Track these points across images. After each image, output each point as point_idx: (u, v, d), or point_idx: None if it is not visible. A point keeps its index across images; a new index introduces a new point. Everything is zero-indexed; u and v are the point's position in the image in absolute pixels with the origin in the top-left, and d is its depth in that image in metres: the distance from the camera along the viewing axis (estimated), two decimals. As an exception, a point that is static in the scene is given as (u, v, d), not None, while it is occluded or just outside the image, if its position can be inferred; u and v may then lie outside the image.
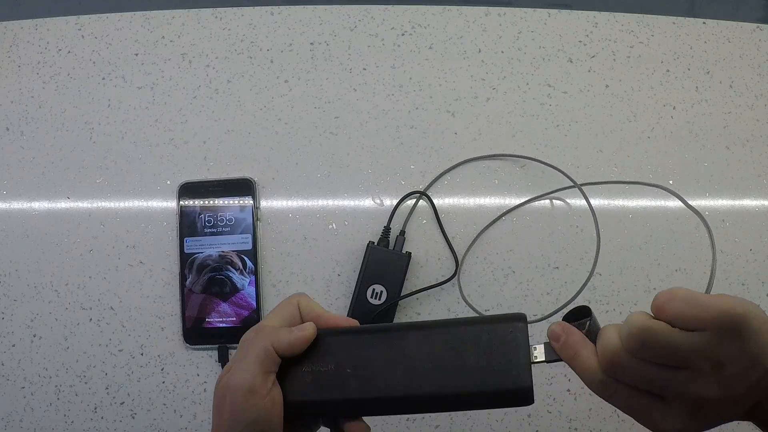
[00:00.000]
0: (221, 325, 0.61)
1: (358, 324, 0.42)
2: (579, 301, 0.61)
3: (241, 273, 0.61)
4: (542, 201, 0.63)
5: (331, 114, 0.64)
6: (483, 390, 0.38)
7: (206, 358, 0.61)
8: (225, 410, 0.38)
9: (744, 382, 0.33)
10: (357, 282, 0.60)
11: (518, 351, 0.38)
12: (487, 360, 0.38)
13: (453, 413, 0.60)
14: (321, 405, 0.40)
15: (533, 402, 0.38)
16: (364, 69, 0.65)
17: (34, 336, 0.62)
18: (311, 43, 0.66)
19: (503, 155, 0.63)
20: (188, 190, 0.62)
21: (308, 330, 0.40)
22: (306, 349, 0.40)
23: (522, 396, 0.38)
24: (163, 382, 0.61)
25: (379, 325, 0.42)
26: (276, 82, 0.65)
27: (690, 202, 0.63)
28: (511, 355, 0.38)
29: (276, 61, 0.65)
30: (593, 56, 0.66)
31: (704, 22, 0.67)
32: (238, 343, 0.61)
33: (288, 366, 0.40)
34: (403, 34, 0.66)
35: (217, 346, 0.61)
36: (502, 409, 0.60)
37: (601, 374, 0.36)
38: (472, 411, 0.60)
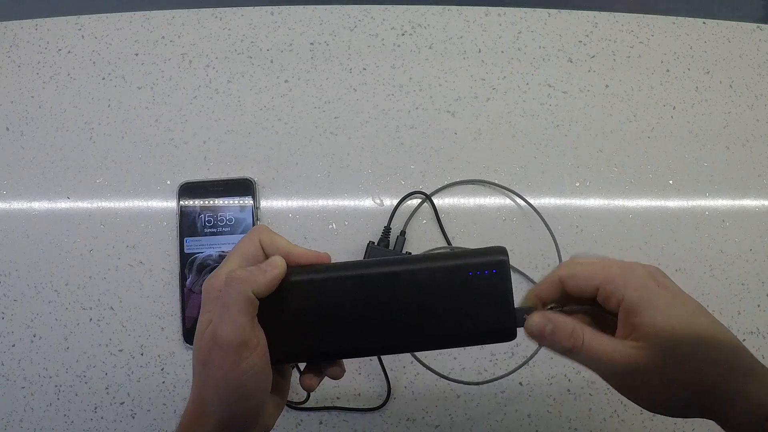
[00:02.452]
0: (221, 325, 0.61)
1: (329, 257, 0.39)
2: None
3: (241, 273, 0.61)
4: (542, 201, 0.63)
5: (331, 114, 0.64)
6: (466, 332, 0.38)
7: (206, 358, 0.61)
8: (214, 369, 0.36)
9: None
10: (357, 282, 0.60)
11: (501, 289, 0.38)
12: (470, 301, 0.38)
13: (453, 413, 0.60)
14: (301, 351, 0.39)
15: (515, 338, 0.38)
16: (364, 69, 0.65)
17: (34, 336, 0.62)
18: (311, 43, 0.66)
19: (512, 191, 0.64)
20: (188, 190, 0.62)
21: (280, 266, 0.37)
22: (287, 288, 0.37)
23: (506, 334, 0.38)
24: (163, 382, 0.61)
25: (353, 263, 0.39)
26: (276, 82, 0.65)
27: (690, 202, 0.63)
28: (494, 296, 0.38)
29: (276, 61, 0.65)
30: (593, 56, 0.66)
31: (704, 22, 0.67)
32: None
33: (264, 309, 0.37)
34: (403, 34, 0.66)
35: (217, 346, 0.61)
36: (502, 409, 0.60)
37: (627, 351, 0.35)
38: (472, 412, 0.60)
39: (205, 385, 0.36)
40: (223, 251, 0.61)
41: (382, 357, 0.60)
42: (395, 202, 0.62)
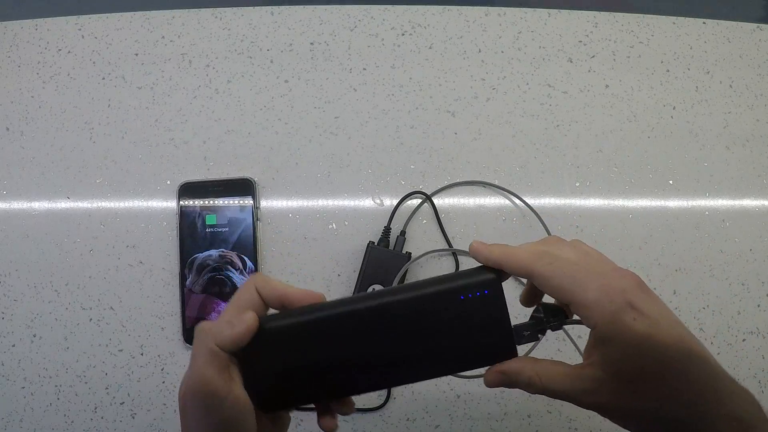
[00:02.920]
0: (221, 325, 0.61)
1: (322, 297, 0.39)
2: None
3: (241, 273, 0.61)
4: (542, 201, 0.63)
5: (331, 114, 0.64)
6: (465, 357, 0.37)
7: (206, 358, 0.61)
8: (189, 418, 0.36)
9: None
10: (357, 282, 0.60)
11: (496, 310, 0.37)
12: (466, 325, 0.37)
13: (453, 413, 0.60)
14: (292, 397, 0.38)
15: (516, 356, 0.37)
16: (364, 69, 0.65)
17: (34, 336, 0.62)
18: (311, 43, 0.66)
19: (511, 192, 0.64)
20: (188, 190, 0.62)
21: (248, 321, 0.36)
22: (271, 336, 0.37)
23: (506, 355, 0.37)
24: (163, 382, 0.61)
25: (340, 301, 0.38)
26: (276, 82, 0.65)
27: (690, 202, 0.63)
28: (490, 317, 0.37)
29: (276, 61, 0.65)
30: (593, 56, 0.66)
31: (704, 22, 0.67)
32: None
33: (250, 357, 0.37)
34: (403, 34, 0.66)
35: (217, 346, 0.61)
36: (503, 409, 0.60)
37: None
38: (472, 412, 0.60)
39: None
40: (223, 251, 0.61)
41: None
42: (395, 202, 0.62)
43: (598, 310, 0.34)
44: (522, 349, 0.38)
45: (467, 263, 0.62)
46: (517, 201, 0.63)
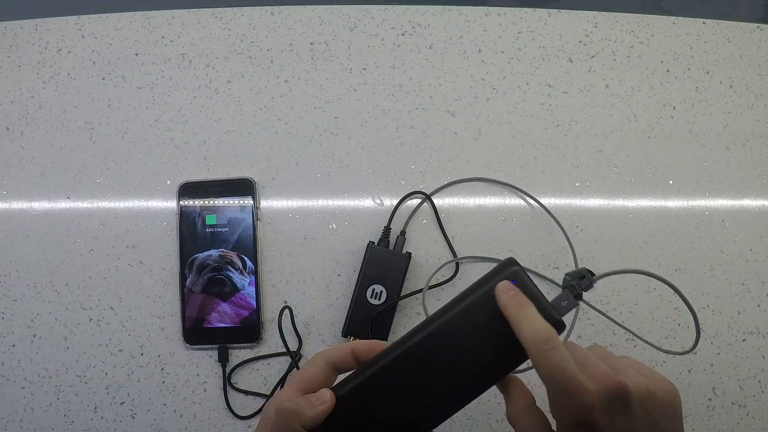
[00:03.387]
0: (221, 325, 0.61)
1: (386, 345, 0.40)
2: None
3: (241, 273, 0.61)
4: (542, 201, 0.63)
5: (331, 114, 0.64)
6: (521, 355, 0.38)
7: (206, 358, 0.61)
8: None
9: None
10: (357, 282, 0.60)
11: (529, 295, 0.38)
12: (506, 337, 0.38)
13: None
14: None
15: (565, 327, 0.39)
16: (364, 69, 0.65)
17: (34, 336, 0.62)
18: (311, 43, 0.66)
19: (514, 187, 0.64)
20: (188, 190, 0.62)
21: (329, 400, 0.38)
22: (342, 402, 0.39)
23: (557, 327, 0.38)
24: (163, 382, 0.61)
25: (392, 346, 0.39)
26: (276, 82, 0.65)
27: (690, 202, 0.63)
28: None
29: (276, 61, 0.65)
30: (593, 56, 0.66)
31: (704, 22, 0.67)
32: (237, 343, 0.61)
33: (327, 428, 0.39)
34: (403, 34, 0.66)
35: (217, 346, 0.61)
36: (503, 409, 0.60)
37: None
38: (472, 412, 0.60)
39: None
40: (223, 251, 0.61)
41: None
42: (395, 202, 0.62)
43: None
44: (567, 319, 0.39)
45: (466, 263, 0.62)
46: (517, 200, 0.63)
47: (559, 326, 0.38)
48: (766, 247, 0.63)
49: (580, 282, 0.39)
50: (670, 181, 0.63)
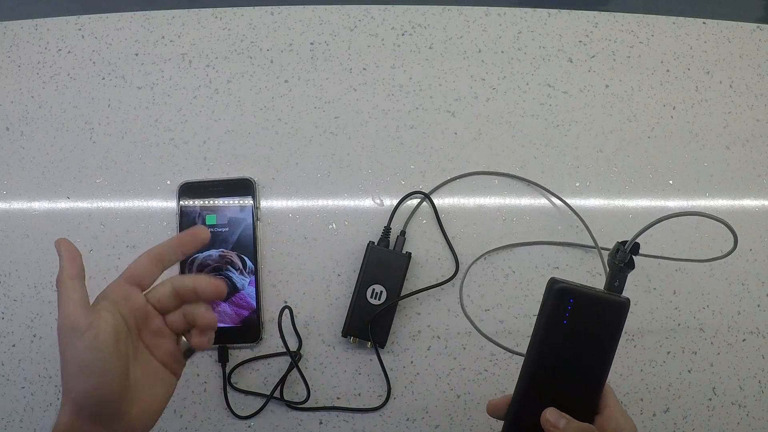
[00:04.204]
0: (221, 325, 0.61)
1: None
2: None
3: (241, 273, 0.61)
4: (542, 201, 0.63)
5: (331, 114, 0.64)
6: (615, 341, 0.42)
7: (206, 358, 0.61)
8: (61, 354, 0.42)
9: None
10: (357, 282, 0.60)
11: (590, 302, 0.42)
12: (591, 334, 0.42)
13: (453, 413, 0.60)
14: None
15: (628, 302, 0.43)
16: (364, 69, 0.65)
17: (34, 336, 0.62)
18: (311, 43, 0.66)
19: (513, 176, 0.64)
20: (188, 190, 0.62)
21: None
22: None
23: (622, 310, 0.42)
24: (163, 382, 0.61)
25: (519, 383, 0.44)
26: (276, 82, 0.65)
27: (690, 202, 0.63)
28: (593, 310, 0.42)
29: (276, 61, 0.65)
30: (593, 56, 0.66)
31: (704, 22, 0.67)
32: (237, 343, 0.61)
33: None
34: (403, 34, 0.66)
35: (217, 346, 0.61)
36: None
37: None
38: (472, 412, 0.60)
39: (61, 371, 0.42)
40: (223, 251, 0.61)
41: (382, 357, 0.60)
42: (395, 202, 0.62)
43: None
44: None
45: (465, 260, 0.62)
46: (518, 200, 0.63)
47: (627, 304, 0.42)
48: (766, 247, 0.63)
49: (616, 257, 0.43)
50: (670, 181, 0.63)
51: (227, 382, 0.60)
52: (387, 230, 0.61)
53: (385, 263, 0.60)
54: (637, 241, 0.43)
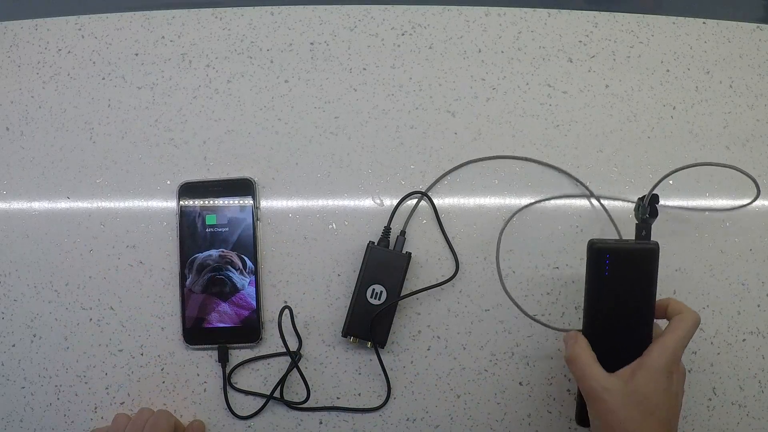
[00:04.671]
0: (221, 325, 0.61)
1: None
2: (579, 301, 0.61)
3: (241, 273, 0.61)
4: (542, 200, 0.63)
5: (331, 114, 0.64)
6: (654, 285, 0.50)
7: (206, 358, 0.61)
8: None
9: None
10: (357, 282, 0.60)
11: (622, 251, 0.50)
12: (633, 281, 0.50)
13: (453, 413, 0.60)
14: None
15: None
16: (364, 69, 0.65)
17: (34, 336, 0.62)
18: (311, 43, 0.66)
19: (504, 156, 0.64)
20: (188, 190, 0.62)
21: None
22: None
23: (654, 255, 0.50)
24: (163, 382, 0.61)
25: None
26: (276, 82, 0.65)
27: (690, 203, 0.63)
28: (630, 258, 0.50)
29: (276, 61, 0.65)
30: (593, 56, 0.66)
31: (704, 22, 0.67)
32: (237, 343, 0.61)
33: None
34: (403, 34, 0.66)
35: (217, 346, 0.61)
36: (503, 409, 0.60)
37: None
38: (472, 412, 0.60)
39: None
40: (223, 251, 0.61)
41: (382, 357, 0.60)
42: (395, 202, 0.62)
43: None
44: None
45: (465, 260, 0.62)
46: (518, 200, 0.63)
47: (656, 247, 0.50)
48: (766, 247, 0.63)
49: (638, 212, 0.52)
50: (670, 181, 0.63)
51: (227, 382, 0.60)
52: (387, 230, 0.61)
53: (385, 263, 0.60)
54: (654, 192, 0.51)
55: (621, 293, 0.50)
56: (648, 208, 0.51)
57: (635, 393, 0.46)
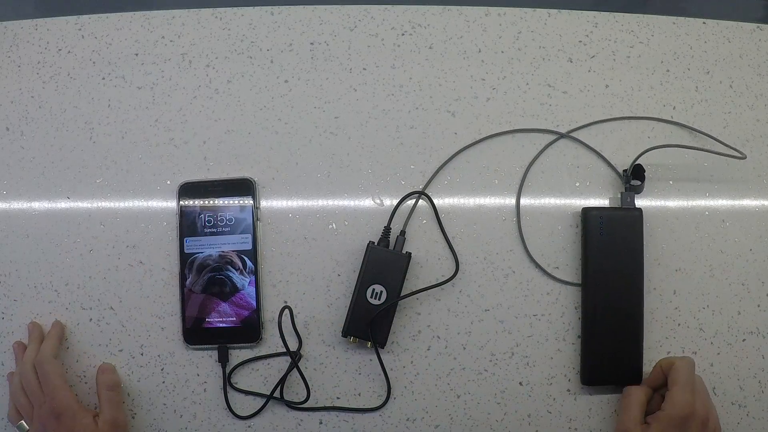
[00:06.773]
0: (221, 325, 0.61)
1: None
2: (578, 301, 0.61)
3: (241, 273, 0.61)
4: (543, 201, 0.63)
5: (331, 114, 0.64)
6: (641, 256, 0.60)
7: (206, 358, 0.61)
8: None
9: None
10: (357, 282, 0.60)
11: (608, 211, 0.61)
12: (622, 238, 0.60)
13: (453, 413, 0.60)
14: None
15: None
16: (364, 69, 0.65)
17: (34, 336, 0.62)
18: (311, 43, 0.66)
19: (494, 135, 0.64)
20: (188, 190, 0.62)
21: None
22: None
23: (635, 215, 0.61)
24: (163, 382, 0.61)
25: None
26: (276, 82, 0.65)
27: (690, 202, 0.63)
28: (619, 218, 0.61)
29: (276, 61, 0.65)
30: (593, 56, 0.66)
31: (704, 22, 0.67)
32: (237, 343, 0.61)
33: None
34: (403, 34, 0.66)
35: (217, 346, 0.61)
36: (503, 409, 0.60)
37: None
38: (472, 412, 0.60)
39: None
40: (223, 251, 0.61)
41: (382, 357, 0.60)
42: (395, 202, 0.62)
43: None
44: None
45: (465, 260, 0.62)
46: (515, 200, 0.63)
47: (640, 212, 0.60)
48: (766, 247, 0.63)
49: (624, 182, 0.61)
50: (670, 181, 0.63)
51: (227, 382, 0.60)
52: (387, 230, 0.61)
53: (385, 263, 0.60)
54: (638, 163, 0.60)
55: (614, 251, 0.59)
56: (631, 177, 0.60)
57: None
